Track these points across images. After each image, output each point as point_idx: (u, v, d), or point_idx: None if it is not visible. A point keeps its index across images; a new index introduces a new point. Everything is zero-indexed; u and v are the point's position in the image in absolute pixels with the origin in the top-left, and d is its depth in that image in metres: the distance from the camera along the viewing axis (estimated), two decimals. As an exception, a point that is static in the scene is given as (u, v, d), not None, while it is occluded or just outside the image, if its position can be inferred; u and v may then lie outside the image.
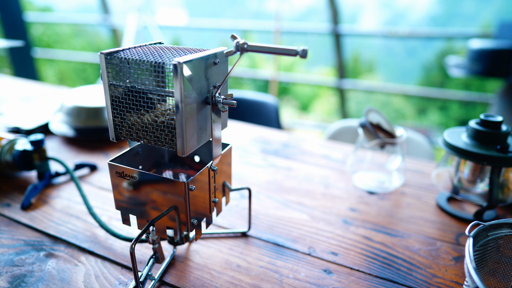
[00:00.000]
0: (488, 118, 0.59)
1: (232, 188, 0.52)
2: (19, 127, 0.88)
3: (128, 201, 0.45)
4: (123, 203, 0.46)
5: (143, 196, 0.44)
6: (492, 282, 0.44)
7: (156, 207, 0.43)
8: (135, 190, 0.44)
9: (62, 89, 1.33)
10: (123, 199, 0.45)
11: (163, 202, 0.43)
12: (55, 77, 5.70)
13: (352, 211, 0.64)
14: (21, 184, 0.69)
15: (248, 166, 0.80)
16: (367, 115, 0.72)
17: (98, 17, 3.89)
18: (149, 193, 0.43)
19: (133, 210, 0.46)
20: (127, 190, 0.44)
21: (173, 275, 0.48)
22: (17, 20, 2.93)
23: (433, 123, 5.46)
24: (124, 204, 0.46)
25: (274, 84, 3.31)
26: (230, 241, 0.55)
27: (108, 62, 0.39)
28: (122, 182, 0.44)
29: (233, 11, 7.02)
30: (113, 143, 0.88)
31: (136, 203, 0.45)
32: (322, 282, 0.48)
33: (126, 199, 0.45)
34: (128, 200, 0.45)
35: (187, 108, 0.36)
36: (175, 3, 5.32)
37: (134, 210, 0.45)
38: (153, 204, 0.43)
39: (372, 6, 8.67)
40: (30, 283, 0.46)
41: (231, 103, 0.39)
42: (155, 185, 0.42)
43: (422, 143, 1.15)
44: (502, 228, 0.43)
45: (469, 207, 0.67)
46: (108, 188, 0.69)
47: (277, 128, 1.45)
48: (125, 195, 0.45)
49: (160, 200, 0.43)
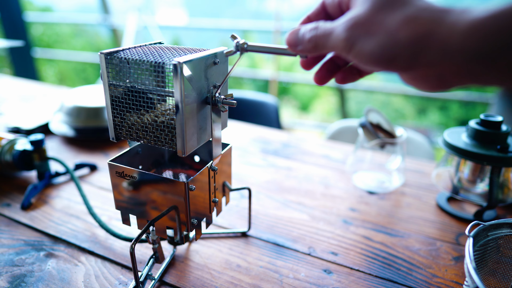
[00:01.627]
0: (488, 118, 0.59)
1: (232, 188, 0.52)
2: (19, 127, 0.88)
3: (128, 201, 0.45)
4: (123, 203, 0.46)
5: (143, 196, 0.44)
6: (492, 282, 0.44)
7: (156, 207, 0.43)
8: (135, 190, 0.44)
9: (62, 89, 1.33)
10: (123, 199, 0.45)
11: (163, 202, 0.43)
12: (55, 77, 5.70)
13: (352, 211, 0.64)
14: (21, 184, 0.69)
15: (248, 166, 0.80)
16: (367, 115, 0.72)
17: (98, 17, 3.89)
18: (149, 193, 0.43)
19: (133, 210, 0.46)
20: (127, 190, 0.44)
21: (173, 275, 0.48)
22: (17, 20, 2.93)
23: (433, 123, 5.46)
24: (124, 204, 0.46)
25: (274, 84, 3.31)
26: (230, 241, 0.55)
27: (108, 62, 0.39)
28: (122, 182, 0.44)
29: (233, 11, 7.02)
30: (113, 143, 0.88)
31: (136, 203, 0.45)
32: (322, 282, 0.48)
33: (126, 199, 0.45)
34: (128, 200, 0.45)
35: (187, 108, 0.36)
36: (175, 3, 5.33)
37: (134, 210, 0.45)
38: (153, 204, 0.43)
39: None
40: (30, 283, 0.46)
41: (231, 103, 0.39)
42: (155, 185, 0.42)
43: (422, 143, 1.15)
44: (502, 228, 0.43)
45: (469, 207, 0.67)
46: (108, 188, 0.69)
47: (277, 128, 1.45)
48: (125, 195, 0.45)
49: (160, 200, 0.43)
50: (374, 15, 0.28)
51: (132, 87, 0.39)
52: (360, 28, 0.28)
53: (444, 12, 0.26)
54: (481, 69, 0.25)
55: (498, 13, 0.23)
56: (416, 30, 0.26)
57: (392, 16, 0.27)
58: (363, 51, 0.28)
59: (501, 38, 0.23)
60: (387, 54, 0.27)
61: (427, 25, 0.25)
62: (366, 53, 0.28)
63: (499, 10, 0.23)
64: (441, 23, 0.25)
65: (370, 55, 0.27)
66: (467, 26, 0.24)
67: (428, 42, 0.25)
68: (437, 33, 0.25)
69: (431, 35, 0.25)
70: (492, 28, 0.23)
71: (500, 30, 0.23)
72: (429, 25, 0.25)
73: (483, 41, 0.24)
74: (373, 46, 0.27)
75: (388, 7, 0.27)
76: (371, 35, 0.27)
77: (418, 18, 0.26)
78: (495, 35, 0.23)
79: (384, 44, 0.27)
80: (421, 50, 0.26)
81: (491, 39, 0.23)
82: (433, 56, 0.25)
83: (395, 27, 0.26)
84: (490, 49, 0.24)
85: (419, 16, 0.26)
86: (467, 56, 0.24)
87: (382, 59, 0.27)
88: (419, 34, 0.26)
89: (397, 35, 0.26)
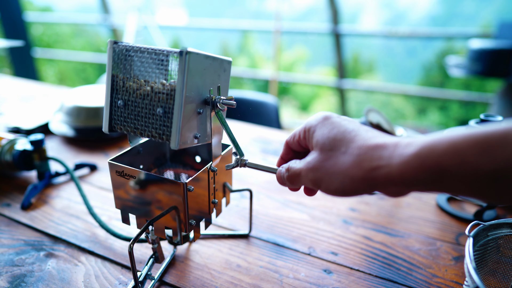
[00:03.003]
0: (488, 118, 0.59)
1: (232, 189, 0.52)
2: (19, 127, 0.88)
3: (127, 200, 0.45)
4: (123, 202, 0.46)
5: (143, 196, 0.44)
6: (492, 282, 0.44)
7: (155, 207, 0.43)
8: (135, 190, 0.44)
9: (62, 89, 1.33)
10: (123, 198, 0.45)
11: (162, 202, 0.43)
12: (55, 77, 5.70)
13: (352, 211, 0.64)
14: (21, 184, 0.69)
15: (248, 166, 0.80)
16: (367, 115, 0.72)
17: (98, 17, 3.89)
18: (149, 193, 0.43)
19: (133, 210, 0.46)
20: (127, 189, 0.44)
21: (173, 275, 0.48)
22: (17, 20, 2.93)
23: (433, 123, 5.45)
24: (124, 203, 0.46)
25: (274, 84, 3.31)
26: (230, 241, 0.55)
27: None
28: (122, 181, 0.44)
29: (233, 11, 7.01)
30: (113, 143, 0.88)
31: (136, 202, 0.45)
32: (322, 282, 0.48)
33: (125, 198, 0.45)
34: (128, 199, 0.45)
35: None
36: (175, 3, 5.33)
37: (134, 210, 0.45)
38: (152, 203, 0.43)
39: (372, 6, 8.67)
40: (30, 283, 0.46)
41: (230, 103, 0.39)
42: (155, 185, 0.42)
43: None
44: (502, 228, 0.43)
45: (469, 207, 0.67)
46: (108, 188, 0.69)
47: (277, 128, 1.45)
48: (125, 194, 0.45)
49: (160, 200, 0.43)
50: (325, 160, 0.34)
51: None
52: (319, 171, 0.34)
53: (380, 148, 0.31)
54: (417, 189, 0.31)
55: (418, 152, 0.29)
56: (364, 169, 0.31)
57: (342, 158, 0.33)
58: (329, 189, 0.34)
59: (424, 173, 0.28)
60: (349, 189, 0.33)
61: (371, 163, 0.31)
62: (332, 190, 0.34)
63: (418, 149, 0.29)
64: (380, 160, 0.31)
65: (336, 190, 0.34)
66: (400, 163, 0.29)
67: (377, 176, 0.31)
68: (381, 167, 0.30)
69: (377, 169, 0.31)
70: (417, 167, 0.29)
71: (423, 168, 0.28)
72: (373, 163, 0.31)
73: (413, 175, 0.29)
74: (337, 185, 0.33)
75: (334, 151, 0.34)
76: (330, 176, 0.34)
77: (363, 160, 0.32)
78: (420, 172, 0.29)
79: (344, 183, 0.33)
80: (373, 182, 0.31)
81: (418, 175, 0.29)
82: (382, 185, 0.31)
83: (346, 168, 0.32)
84: (419, 181, 0.29)
85: (363, 158, 0.32)
86: (406, 183, 0.30)
87: (346, 192, 0.33)
88: (367, 171, 0.31)
89: (351, 175, 0.32)
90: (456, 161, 0.27)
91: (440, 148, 0.28)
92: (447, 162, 0.27)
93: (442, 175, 0.28)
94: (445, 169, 0.27)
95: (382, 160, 0.31)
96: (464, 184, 0.27)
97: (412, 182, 0.29)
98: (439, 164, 0.28)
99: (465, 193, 0.28)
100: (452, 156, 0.27)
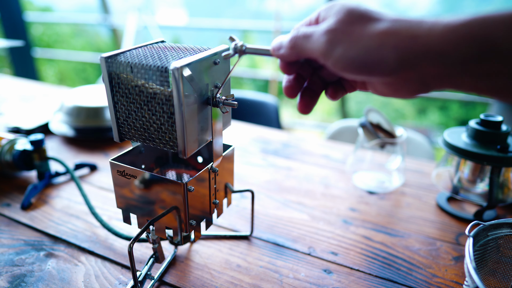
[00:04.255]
0: (488, 118, 0.59)
1: (234, 189, 0.52)
2: (19, 127, 0.88)
3: (128, 200, 0.45)
4: (124, 201, 0.46)
5: (144, 195, 0.44)
6: (492, 282, 0.44)
7: (157, 206, 0.43)
8: (136, 189, 0.44)
9: (62, 89, 1.33)
10: (124, 197, 0.45)
11: (163, 202, 0.43)
12: (55, 77, 5.70)
13: (352, 211, 0.64)
14: (21, 184, 0.69)
15: (248, 166, 0.80)
16: (367, 115, 0.72)
17: (98, 17, 3.89)
18: (150, 193, 0.43)
19: (133, 209, 0.46)
20: (128, 189, 0.44)
21: (173, 275, 0.48)
22: (17, 20, 2.93)
23: (433, 123, 5.45)
24: (125, 203, 0.46)
25: (274, 84, 3.31)
26: (230, 241, 0.55)
27: (109, 66, 0.38)
28: (123, 181, 0.44)
29: (233, 11, 7.01)
30: (113, 143, 0.88)
31: (136, 202, 0.45)
32: (322, 282, 0.48)
33: (126, 198, 0.45)
34: (129, 199, 0.45)
35: (188, 109, 0.36)
36: (175, 3, 5.32)
37: (134, 209, 0.46)
38: (153, 203, 0.43)
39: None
40: (30, 283, 0.46)
41: (232, 104, 0.39)
42: (156, 185, 0.42)
43: (422, 143, 1.15)
44: (502, 228, 0.43)
45: (469, 207, 0.67)
46: (108, 188, 0.69)
47: (277, 128, 1.45)
48: (126, 194, 0.45)
49: (162, 199, 0.43)
50: (351, 23, 0.28)
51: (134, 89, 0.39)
52: (340, 34, 0.28)
53: (419, 21, 0.26)
54: (457, 73, 0.26)
55: (468, 21, 0.24)
56: (399, 36, 0.26)
57: (373, 25, 0.27)
58: (346, 56, 0.27)
59: (472, 45, 0.24)
60: (372, 60, 0.27)
61: (409, 31, 0.26)
62: (349, 58, 0.27)
63: (469, 19, 0.24)
64: (420, 28, 0.26)
65: (353, 60, 0.27)
66: (443, 30, 0.25)
67: (413, 46, 0.26)
68: (419, 36, 0.26)
69: (415, 38, 0.26)
70: (465, 36, 0.24)
71: (472, 38, 0.24)
72: (410, 31, 0.26)
73: (457, 46, 0.24)
74: (357, 51, 0.27)
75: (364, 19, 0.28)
76: (352, 39, 0.27)
77: (400, 27, 0.26)
78: (467, 42, 0.24)
79: (370, 49, 0.27)
80: (405, 54, 0.26)
81: (463, 46, 0.24)
82: (414, 58, 0.26)
83: (378, 34, 0.27)
84: (463, 55, 0.24)
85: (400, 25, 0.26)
86: (445, 59, 0.25)
87: (365, 64, 0.27)
88: (402, 39, 0.26)
89: (382, 40, 0.26)
90: None
91: (494, 19, 0.24)
92: (500, 35, 0.23)
93: (491, 50, 0.24)
94: (496, 42, 0.23)
95: (421, 29, 0.26)
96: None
97: (452, 57, 0.25)
98: (491, 35, 0.23)
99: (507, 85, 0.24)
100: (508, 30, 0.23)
